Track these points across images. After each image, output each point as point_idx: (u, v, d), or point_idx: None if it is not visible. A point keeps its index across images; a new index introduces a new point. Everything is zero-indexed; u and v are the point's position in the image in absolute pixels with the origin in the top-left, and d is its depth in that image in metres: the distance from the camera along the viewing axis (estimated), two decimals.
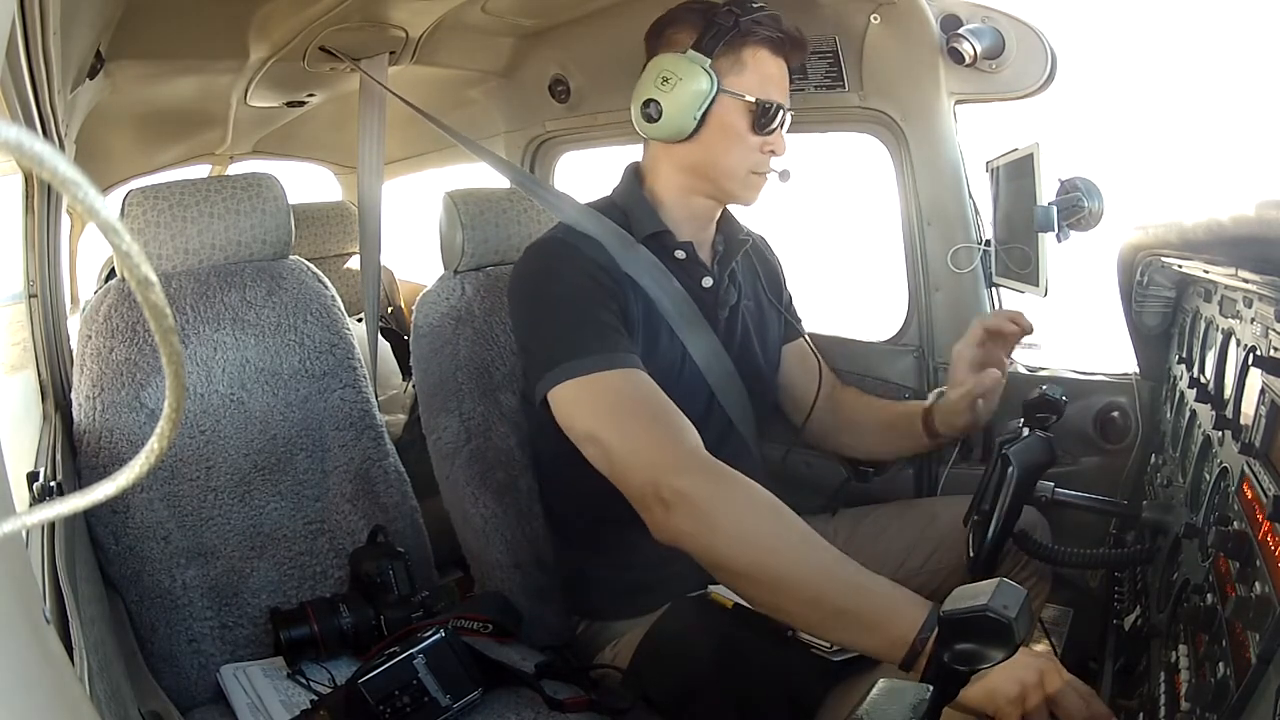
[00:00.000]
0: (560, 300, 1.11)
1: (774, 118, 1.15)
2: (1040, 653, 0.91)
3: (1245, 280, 0.74)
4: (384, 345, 2.33)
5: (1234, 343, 0.82)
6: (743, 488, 0.95)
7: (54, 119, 1.24)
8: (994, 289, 1.47)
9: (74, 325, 1.41)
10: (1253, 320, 0.75)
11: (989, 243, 1.44)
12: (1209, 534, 0.69)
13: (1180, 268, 0.98)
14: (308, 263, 1.44)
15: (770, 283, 1.38)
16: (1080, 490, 1.08)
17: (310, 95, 2.09)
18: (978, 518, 1.06)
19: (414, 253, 2.73)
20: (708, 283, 1.23)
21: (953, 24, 1.33)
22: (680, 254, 1.21)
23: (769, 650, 1.05)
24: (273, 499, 1.32)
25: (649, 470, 0.97)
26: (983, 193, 1.45)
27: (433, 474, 1.37)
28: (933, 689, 0.63)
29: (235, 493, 1.29)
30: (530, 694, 1.12)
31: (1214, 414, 0.81)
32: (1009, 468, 1.01)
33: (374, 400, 1.44)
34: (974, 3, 1.33)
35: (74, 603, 0.76)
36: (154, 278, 0.24)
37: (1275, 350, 0.67)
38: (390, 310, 2.75)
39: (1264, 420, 0.66)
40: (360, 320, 2.00)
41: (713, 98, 1.13)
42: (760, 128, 1.15)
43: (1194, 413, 0.94)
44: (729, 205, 1.26)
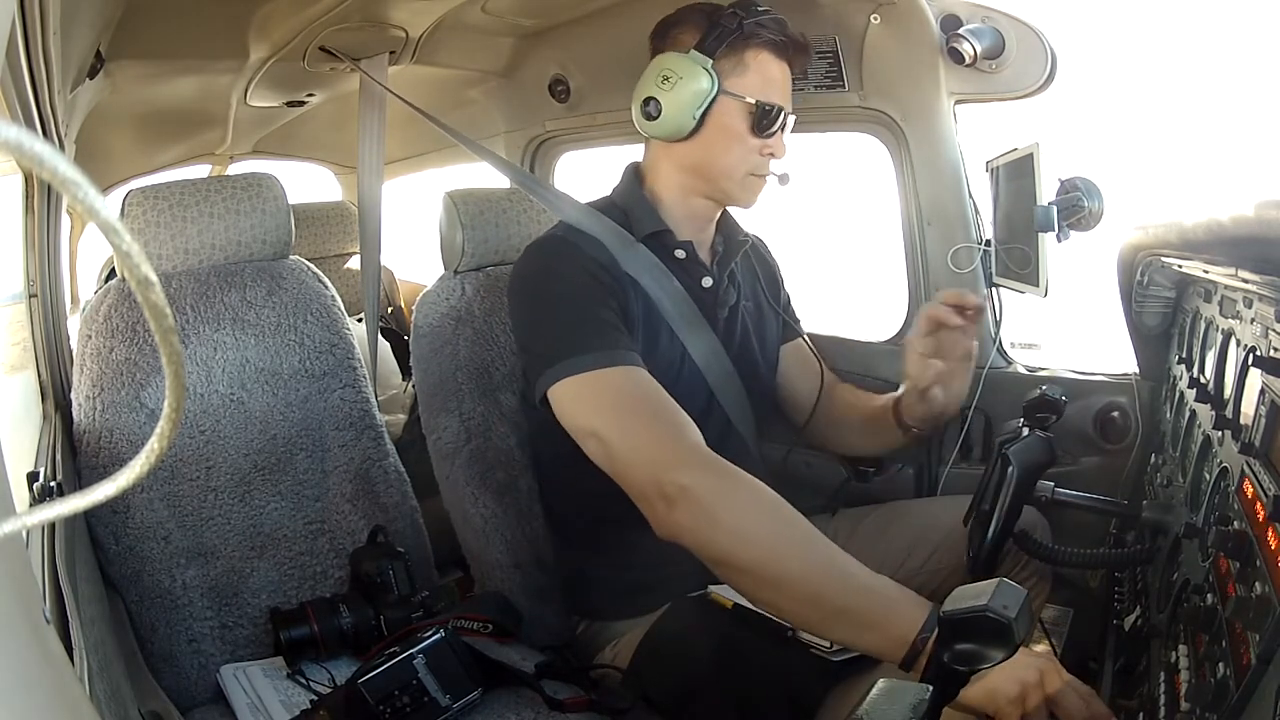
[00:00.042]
0: (561, 298, 1.11)
1: (774, 120, 1.15)
2: (1040, 653, 0.91)
3: (1245, 280, 0.74)
4: (384, 345, 2.33)
5: (1234, 343, 0.82)
6: (745, 484, 0.95)
7: (54, 119, 1.24)
8: (994, 289, 1.47)
9: (74, 325, 1.40)
10: (1253, 320, 0.75)
11: (989, 243, 1.44)
12: (1209, 534, 0.69)
13: (1180, 268, 0.98)
14: (308, 263, 1.44)
15: (769, 284, 1.38)
16: (1080, 490, 1.08)
17: (310, 95, 2.09)
18: (978, 518, 1.06)
19: (414, 253, 2.72)
20: (707, 283, 1.24)
21: (953, 24, 1.33)
22: (680, 253, 1.21)
23: (769, 650, 1.05)
24: (273, 499, 1.32)
25: (651, 466, 0.97)
26: (983, 193, 1.45)
27: (433, 474, 1.37)
28: (933, 689, 0.63)
29: (235, 493, 1.29)
30: (530, 694, 1.12)
31: (1214, 414, 0.81)
32: (1009, 468, 1.01)
33: (374, 400, 1.44)
34: (974, 3, 1.33)
35: (74, 603, 0.76)
36: (154, 278, 0.24)
37: (1275, 350, 0.67)
38: (390, 310, 2.75)
39: (1264, 420, 0.66)
40: (360, 320, 2.00)
41: (713, 98, 1.13)
42: (760, 130, 1.15)
43: (1194, 413, 0.94)
44: (728, 207, 1.26)
